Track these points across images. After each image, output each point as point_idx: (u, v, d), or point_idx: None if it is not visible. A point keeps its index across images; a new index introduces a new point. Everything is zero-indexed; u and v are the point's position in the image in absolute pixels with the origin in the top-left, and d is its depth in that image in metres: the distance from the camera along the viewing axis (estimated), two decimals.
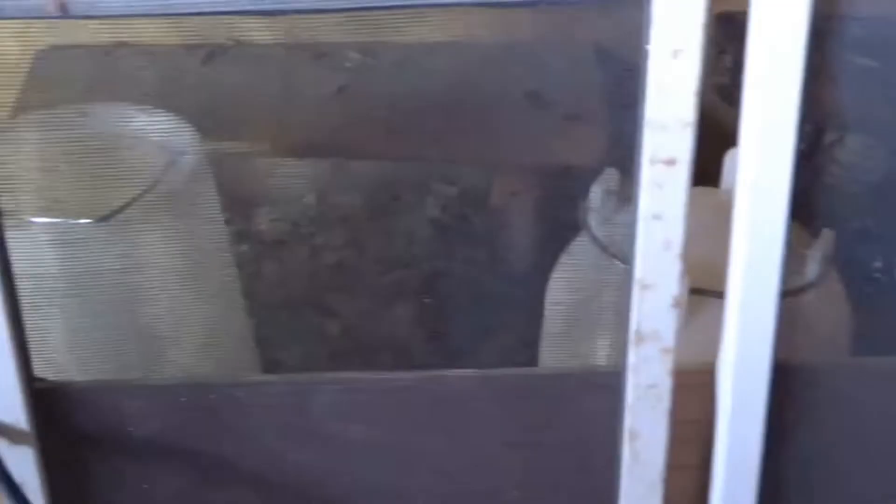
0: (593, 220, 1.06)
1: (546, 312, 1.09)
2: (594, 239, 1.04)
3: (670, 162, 0.72)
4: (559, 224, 1.18)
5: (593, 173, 1.10)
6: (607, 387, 0.78)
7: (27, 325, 0.79)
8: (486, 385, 0.80)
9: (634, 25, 0.71)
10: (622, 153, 1.21)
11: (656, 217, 0.73)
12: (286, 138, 1.40)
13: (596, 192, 1.06)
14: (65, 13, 0.73)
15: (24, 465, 0.80)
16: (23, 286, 0.78)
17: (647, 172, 0.72)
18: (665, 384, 0.76)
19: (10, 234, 0.74)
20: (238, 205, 1.42)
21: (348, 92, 1.39)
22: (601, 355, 1.02)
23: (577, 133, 1.34)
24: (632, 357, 0.76)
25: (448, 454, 0.82)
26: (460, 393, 0.81)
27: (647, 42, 0.70)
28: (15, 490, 0.78)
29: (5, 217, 0.75)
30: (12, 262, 0.76)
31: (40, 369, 0.80)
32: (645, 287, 0.75)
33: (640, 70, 0.72)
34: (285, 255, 1.42)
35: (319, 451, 0.82)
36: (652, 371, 0.76)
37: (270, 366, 1.19)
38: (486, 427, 0.81)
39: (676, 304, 0.75)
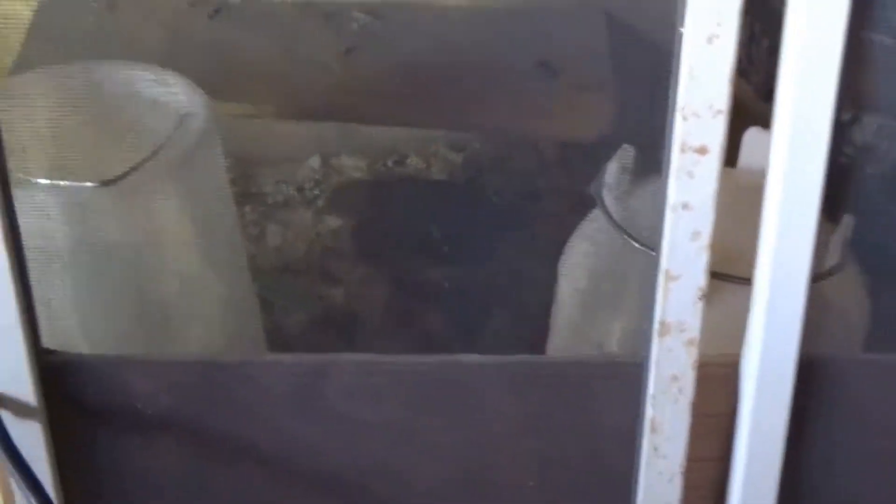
0: (607, 197, 1.04)
1: (557, 289, 1.07)
2: (608, 216, 1.02)
3: (701, 150, 0.70)
4: (571, 198, 1.16)
5: (606, 147, 1.08)
6: (628, 377, 0.77)
7: (34, 294, 0.77)
8: (504, 371, 0.79)
9: None
10: (634, 127, 1.19)
11: (685, 206, 0.71)
12: (291, 100, 1.38)
13: (611, 169, 1.04)
14: None
15: (32, 440, 0.79)
16: (28, 254, 0.76)
17: (677, 160, 0.71)
18: (688, 376, 0.75)
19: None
20: (241, 166, 1.40)
21: (355, 54, 1.36)
22: (613, 335, 1.01)
23: (587, 104, 1.32)
24: (655, 348, 0.75)
25: (463, 440, 0.81)
26: (477, 378, 0.79)
27: (680, 25, 0.68)
28: (22, 465, 0.77)
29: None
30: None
31: (46, 339, 0.79)
32: (671, 278, 0.73)
33: (672, 54, 0.70)
34: (289, 217, 1.40)
35: (331, 433, 0.81)
36: (675, 363, 0.75)
37: (273, 331, 1.18)
38: (503, 414, 0.80)
39: (703, 295, 0.73)
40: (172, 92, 1.06)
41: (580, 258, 1.06)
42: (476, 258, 1.25)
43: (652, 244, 0.93)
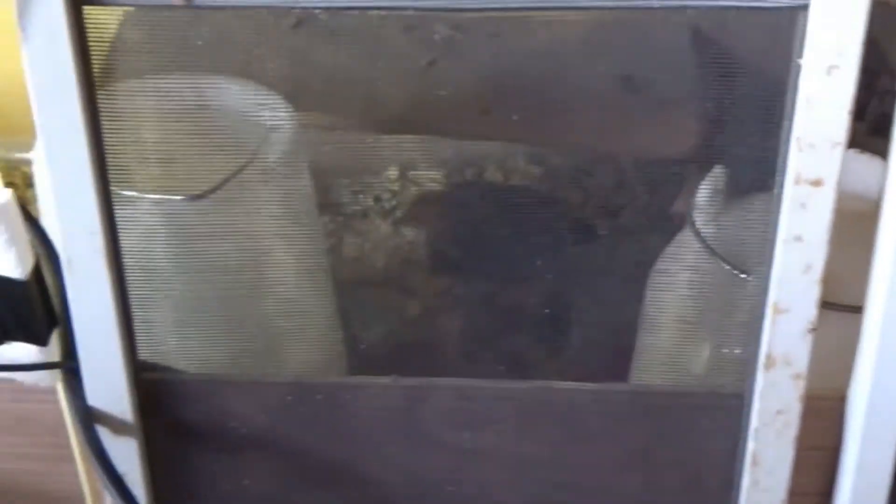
0: (698, 218, 1.02)
1: (643, 311, 1.06)
2: (701, 239, 1.00)
3: (816, 182, 0.69)
4: (652, 216, 1.15)
5: (689, 165, 1.06)
6: (729, 408, 0.76)
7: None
8: (602, 399, 0.78)
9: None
10: (719, 146, 1.17)
11: (797, 239, 0.70)
12: (371, 112, 1.37)
13: (703, 189, 1.03)
14: (189, 2, 0.70)
15: (128, 456, 0.79)
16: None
17: (791, 191, 0.69)
18: (794, 410, 0.74)
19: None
20: (317, 177, 1.39)
21: (437, 67, 1.36)
22: (701, 360, 0.99)
23: (670, 121, 1.30)
24: (760, 381, 0.73)
25: (558, 468, 0.80)
26: (575, 405, 0.78)
27: (799, 57, 0.67)
28: (118, 481, 0.77)
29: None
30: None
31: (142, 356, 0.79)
32: (779, 311, 0.72)
33: (789, 84, 0.68)
34: (366, 229, 1.39)
35: (424, 457, 0.80)
36: (781, 396, 0.73)
37: (351, 343, 1.17)
38: (600, 442, 0.78)
39: (812, 329, 0.72)
40: (260, 104, 1.06)
41: (668, 280, 1.04)
42: (554, 275, 1.24)
43: (744, 268, 0.92)
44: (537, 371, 1.05)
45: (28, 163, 1.15)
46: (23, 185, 1.15)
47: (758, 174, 0.77)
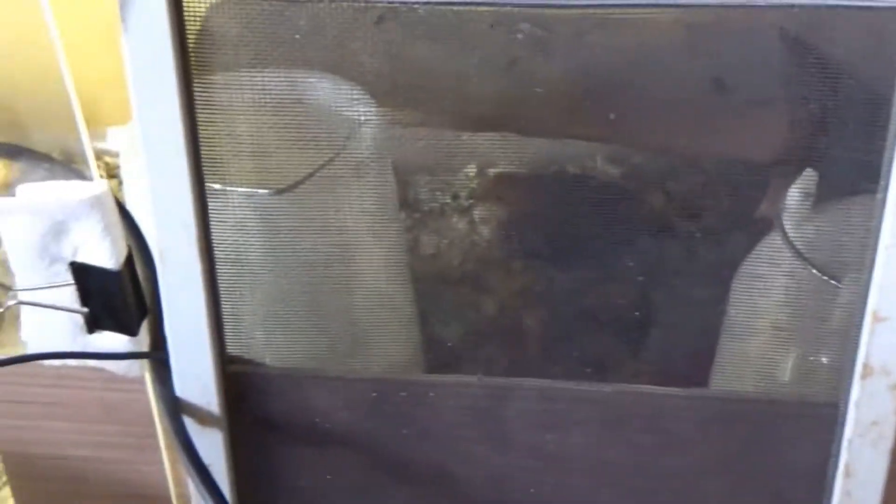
0: (787, 222, 1.01)
1: (726, 315, 1.04)
2: (790, 244, 0.99)
3: None
4: (736, 219, 1.13)
5: (775, 167, 1.04)
6: (822, 418, 0.74)
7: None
8: (690, 404, 0.77)
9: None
10: (806, 148, 1.14)
11: None
12: (453, 109, 1.37)
13: (792, 193, 1.01)
14: None
15: (213, 448, 0.80)
16: None
17: (895, 199, 0.67)
18: (890, 422, 0.72)
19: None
20: (395, 173, 1.39)
21: (520, 65, 1.35)
22: (787, 366, 0.97)
23: (757, 123, 1.27)
24: (855, 391, 0.71)
25: (640, 473, 0.79)
26: (661, 410, 0.77)
27: None
28: (204, 472, 0.77)
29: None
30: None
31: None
32: (879, 319, 0.70)
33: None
34: (443, 226, 1.39)
35: (506, 457, 0.80)
36: (877, 407, 0.72)
37: (434, 341, 1.17)
38: (686, 448, 0.77)
39: None
40: (345, 99, 1.06)
41: (755, 284, 1.02)
42: (636, 276, 1.23)
43: (836, 274, 0.90)
44: (620, 373, 1.03)
45: (110, 153, 1.17)
46: (106, 174, 1.16)
47: (858, 177, 0.75)
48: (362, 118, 1.05)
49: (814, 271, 0.95)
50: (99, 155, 1.22)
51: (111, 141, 1.17)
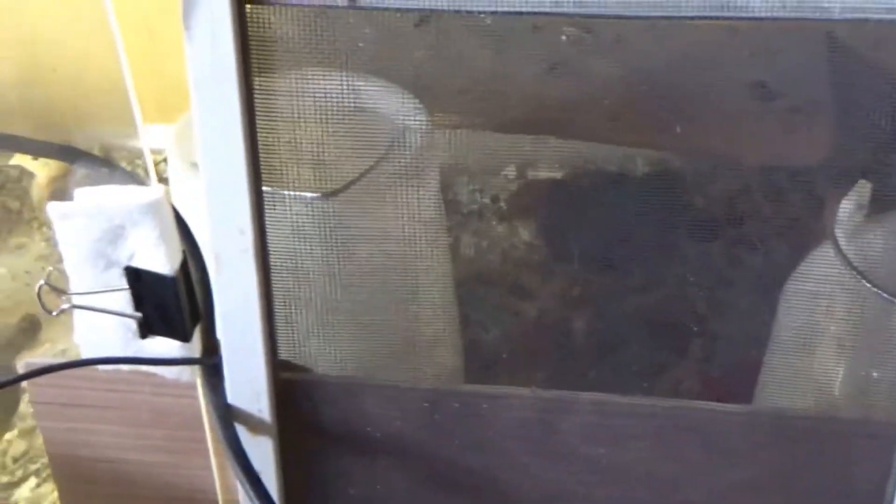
0: (840, 233, 0.99)
1: (774, 327, 1.03)
2: (841, 254, 0.97)
3: None
4: (778, 227, 1.11)
5: (836, 180, 1.03)
6: (881, 437, 0.73)
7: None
8: (748, 421, 0.76)
9: None
10: (853, 156, 1.13)
11: None
12: (494, 111, 1.36)
13: (845, 204, 1.00)
14: (353, 3, 0.70)
15: (263, 455, 0.79)
16: None
17: None
18: None
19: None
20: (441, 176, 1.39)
21: (562, 68, 1.34)
22: (842, 383, 0.96)
23: (803, 129, 1.26)
24: None
25: (694, 489, 0.78)
26: (719, 426, 0.76)
27: None
28: (255, 479, 0.77)
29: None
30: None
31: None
32: None
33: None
34: (483, 228, 1.38)
35: (559, 470, 0.79)
36: None
37: (479, 351, 1.16)
38: (744, 466, 0.76)
39: None
40: (393, 102, 1.06)
41: (806, 299, 1.01)
42: (671, 283, 1.22)
43: (888, 288, 0.88)
44: (672, 388, 1.03)
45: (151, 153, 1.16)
46: (144, 175, 1.16)
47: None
48: (412, 122, 1.04)
49: (867, 284, 0.93)
50: (139, 155, 1.21)
51: (147, 139, 1.17)
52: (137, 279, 0.74)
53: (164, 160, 1.26)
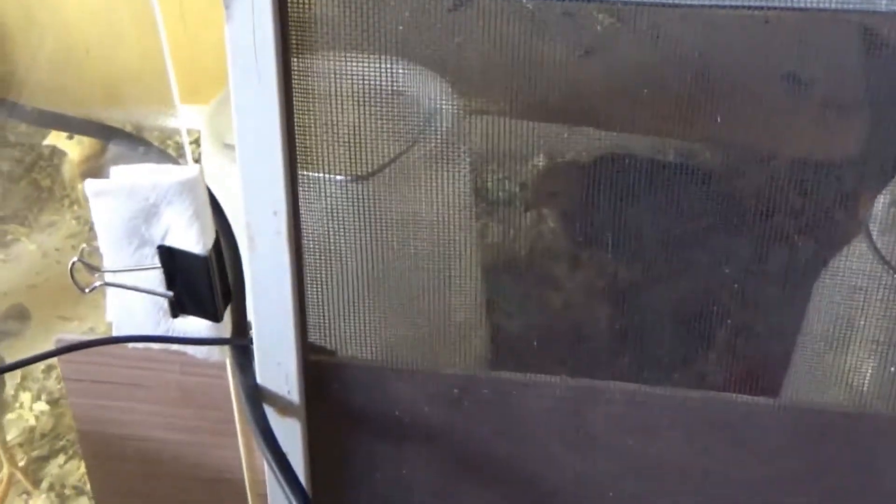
0: (874, 228, 0.98)
1: (804, 322, 1.02)
2: (875, 250, 0.96)
3: None
4: (807, 220, 1.10)
5: (871, 174, 1.02)
6: None
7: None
8: (780, 415, 0.75)
9: None
10: (886, 150, 1.12)
11: None
12: (525, 98, 1.35)
13: (881, 199, 0.99)
14: None
15: (291, 436, 0.79)
16: None
17: None
18: None
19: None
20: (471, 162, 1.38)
21: (594, 56, 1.33)
22: (872, 380, 0.95)
23: (835, 122, 1.25)
24: None
25: (724, 482, 0.77)
26: (751, 420, 0.76)
27: None
28: (282, 460, 0.77)
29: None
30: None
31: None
32: None
33: None
34: (510, 216, 1.38)
35: (588, 460, 0.79)
36: None
37: (517, 339, 1.15)
38: (775, 460, 0.76)
39: None
40: (427, 86, 1.05)
41: (837, 291, 1.00)
42: (702, 274, 1.21)
43: None
44: (701, 379, 1.02)
45: (180, 132, 1.16)
46: (176, 154, 1.16)
47: None
48: (443, 106, 1.04)
49: None
50: (170, 135, 1.22)
51: (177, 119, 1.17)
52: (170, 258, 0.74)
53: (195, 141, 1.26)
